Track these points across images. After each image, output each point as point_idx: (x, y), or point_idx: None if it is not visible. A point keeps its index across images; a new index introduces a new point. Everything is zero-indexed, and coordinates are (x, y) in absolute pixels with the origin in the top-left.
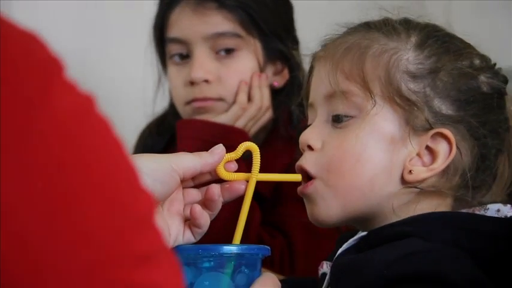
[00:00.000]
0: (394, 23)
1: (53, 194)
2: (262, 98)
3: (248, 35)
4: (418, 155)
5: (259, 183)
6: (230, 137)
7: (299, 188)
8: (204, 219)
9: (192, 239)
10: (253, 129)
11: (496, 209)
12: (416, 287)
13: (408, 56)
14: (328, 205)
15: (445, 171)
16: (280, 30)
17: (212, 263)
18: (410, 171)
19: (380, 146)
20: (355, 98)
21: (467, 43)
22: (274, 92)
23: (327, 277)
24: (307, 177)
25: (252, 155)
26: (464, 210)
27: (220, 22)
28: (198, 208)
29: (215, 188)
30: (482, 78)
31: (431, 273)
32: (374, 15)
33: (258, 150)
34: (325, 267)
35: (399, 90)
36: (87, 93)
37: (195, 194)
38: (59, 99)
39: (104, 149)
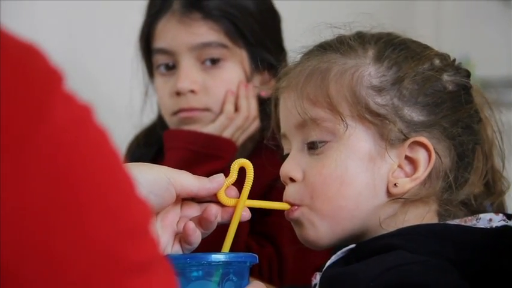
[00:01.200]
0: (348, 39)
1: (51, 203)
2: (249, 108)
3: (234, 45)
4: (400, 166)
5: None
6: (217, 146)
7: (285, 213)
8: (196, 237)
9: (180, 253)
10: (240, 139)
11: (488, 219)
12: None
13: (369, 70)
14: (316, 228)
15: (427, 178)
16: (267, 40)
17: (200, 271)
18: (395, 184)
19: (360, 166)
20: (326, 123)
21: (423, 45)
22: (262, 102)
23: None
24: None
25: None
26: (456, 221)
27: (205, 32)
28: (191, 225)
29: (214, 209)
30: (446, 77)
31: (416, 285)
32: (328, 35)
33: (252, 167)
34: (318, 278)
35: (367, 106)
36: (85, 103)
37: (193, 208)
38: (58, 110)
39: (100, 159)
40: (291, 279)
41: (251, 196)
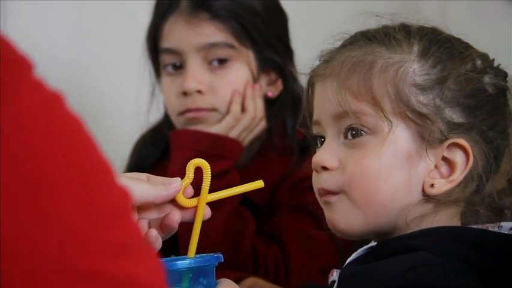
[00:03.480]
0: (394, 32)
1: (21, 184)
2: (256, 108)
3: (241, 46)
4: (436, 167)
5: (251, 192)
6: (224, 147)
7: (322, 199)
8: (158, 244)
9: None
10: (246, 140)
11: (509, 227)
12: None
13: (414, 67)
14: (350, 217)
15: (462, 180)
16: (274, 40)
17: (169, 278)
18: (432, 184)
19: (398, 163)
20: (367, 117)
21: (466, 44)
22: (268, 103)
23: (335, 285)
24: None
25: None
26: (477, 226)
27: (213, 33)
28: (153, 233)
29: (176, 215)
30: (487, 79)
31: (433, 287)
32: (371, 24)
33: (208, 166)
34: (335, 275)
35: (410, 104)
36: (56, 91)
37: (151, 210)
38: (28, 95)
39: (72, 143)
40: (296, 279)
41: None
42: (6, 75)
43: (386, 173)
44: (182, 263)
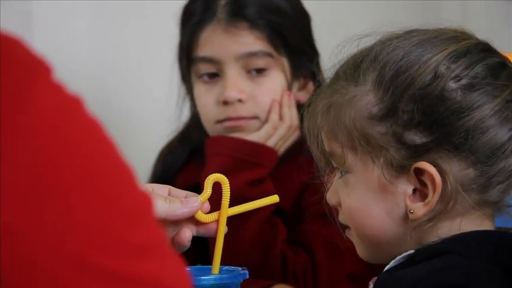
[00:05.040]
0: (353, 61)
1: (37, 184)
2: (292, 117)
3: (278, 54)
4: (417, 190)
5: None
6: (260, 154)
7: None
8: None
9: None
10: (282, 149)
11: None
12: None
13: (369, 98)
14: (361, 250)
15: (445, 197)
16: (304, 44)
17: None
18: (410, 211)
19: (374, 197)
20: (338, 158)
21: (433, 47)
22: (298, 107)
23: None
24: None
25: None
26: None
27: (252, 42)
28: None
29: (187, 234)
30: (451, 85)
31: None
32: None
33: (227, 181)
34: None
35: (369, 138)
36: (74, 94)
37: (168, 224)
38: (45, 97)
39: (90, 145)
40: (324, 286)
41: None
42: (22, 77)
43: (366, 209)
44: (208, 279)
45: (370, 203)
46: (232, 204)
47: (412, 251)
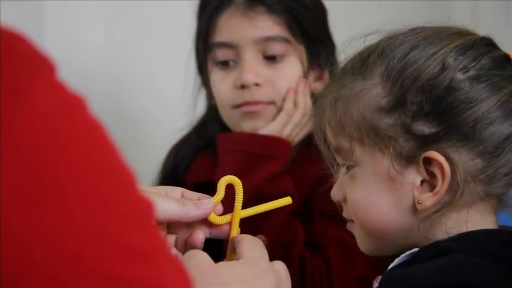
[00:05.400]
0: (360, 56)
1: (35, 183)
2: (306, 105)
3: (295, 40)
4: (425, 181)
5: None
6: (274, 147)
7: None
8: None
9: None
10: (297, 138)
11: None
12: None
13: (377, 91)
14: (364, 243)
15: (453, 187)
16: (322, 34)
17: None
18: (419, 201)
19: (382, 189)
20: (346, 152)
21: (439, 41)
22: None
23: None
24: None
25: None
26: None
27: (270, 26)
28: (178, 255)
29: (200, 236)
30: (459, 76)
31: (467, 286)
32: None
33: (240, 183)
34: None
35: (378, 130)
36: (77, 94)
37: (181, 226)
38: (45, 93)
39: (89, 146)
40: (338, 286)
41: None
42: (23, 73)
43: (373, 201)
44: None
45: (378, 194)
46: (250, 201)
47: (416, 249)
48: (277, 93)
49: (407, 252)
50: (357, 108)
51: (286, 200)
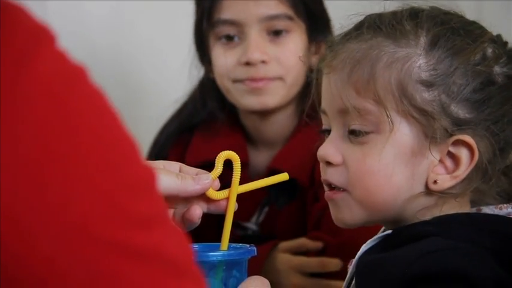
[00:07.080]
0: (401, 21)
1: (37, 153)
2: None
3: (298, 18)
4: (441, 161)
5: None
6: None
7: (327, 194)
8: None
9: None
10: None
11: None
12: (438, 284)
13: (420, 62)
14: (354, 214)
15: (467, 176)
16: (321, 11)
17: (204, 270)
18: (435, 181)
19: (401, 161)
20: (370, 115)
21: (479, 29)
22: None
23: (348, 273)
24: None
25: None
26: (491, 207)
27: (274, 4)
28: None
29: (197, 211)
30: (497, 69)
31: (453, 271)
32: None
33: (238, 158)
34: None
35: (414, 102)
36: (79, 63)
37: (178, 200)
38: (46, 63)
39: (91, 114)
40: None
41: None
42: (25, 43)
43: (389, 172)
44: (216, 255)
45: (394, 165)
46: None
47: (389, 231)
48: (284, 68)
49: (380, 235)
50: (395, 73)
51: (283, 176)
